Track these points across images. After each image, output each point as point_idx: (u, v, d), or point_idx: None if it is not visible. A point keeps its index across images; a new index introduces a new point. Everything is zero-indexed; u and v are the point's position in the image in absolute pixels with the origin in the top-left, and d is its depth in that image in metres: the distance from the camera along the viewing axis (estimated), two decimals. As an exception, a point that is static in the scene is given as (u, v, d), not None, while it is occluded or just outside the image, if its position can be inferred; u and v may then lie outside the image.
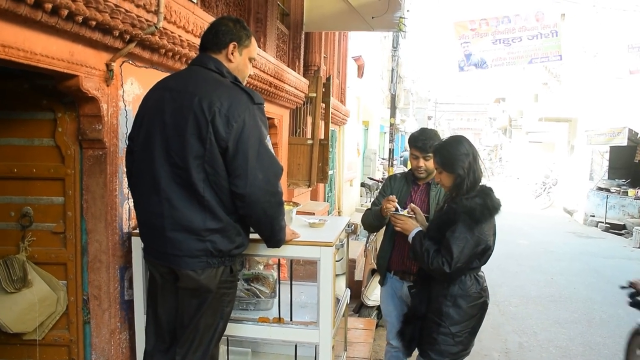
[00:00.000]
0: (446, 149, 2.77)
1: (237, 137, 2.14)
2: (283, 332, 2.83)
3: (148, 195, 2.26)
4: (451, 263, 2.58)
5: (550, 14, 10.82)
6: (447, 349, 2.73)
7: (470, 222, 2.60)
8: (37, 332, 2.77)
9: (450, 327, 2.70)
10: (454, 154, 2.73)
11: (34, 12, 1.93)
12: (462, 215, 2.61)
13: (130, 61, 2.78)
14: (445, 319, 2.71)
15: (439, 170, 2.80)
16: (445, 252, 2.61)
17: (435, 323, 2.74)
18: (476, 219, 2.60)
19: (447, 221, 2.67)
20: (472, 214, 2.60)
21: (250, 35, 2.42)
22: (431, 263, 2.65)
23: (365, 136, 18.07)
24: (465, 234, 2.59)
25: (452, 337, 2.71)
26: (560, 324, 5.95)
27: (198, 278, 2.22)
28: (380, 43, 19.47)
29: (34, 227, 2.79)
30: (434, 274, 2.69)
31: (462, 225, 2.60)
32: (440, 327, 2.72)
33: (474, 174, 2.71)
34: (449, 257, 2.58)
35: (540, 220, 14.23)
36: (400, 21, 6.78)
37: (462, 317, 2.71)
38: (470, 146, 2.78)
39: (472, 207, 2.61)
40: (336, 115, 9.63)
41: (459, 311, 2.70)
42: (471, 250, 2.61)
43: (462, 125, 58.37)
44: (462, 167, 2.70)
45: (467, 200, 2.64)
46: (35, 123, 2.73)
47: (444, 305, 2.71)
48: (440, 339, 2.72)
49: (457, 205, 2.66)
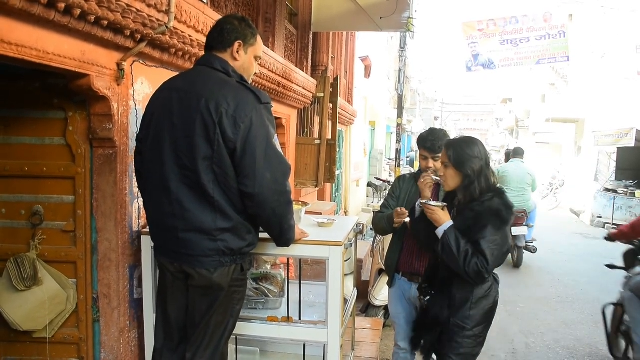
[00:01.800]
0: (461, 146, 2.68)
1: (244, 137, 2.14)
2: (291, 331, 2.83)
3: (158, 197, 2.27)
4: (487, 267, 2.53)
5: (558, 14, 10.79)
6: (470, 350, 2.70)
7: (499, 223, 2.56)
8: (47, 330, 2.79)
9: (474, 329, 2.67)
10: (467, 153, 2.65)
11: (47, 12, 1.94)
12: (490, 217, 2.56)
13: (141, 61, 2.79)
14: (469, 321, 2.66)
15: (445, 164, 2.70)
16: (480, 256, 2.53)
17: (459, 327, 2.67)
18: (504, 218, 2.57)
19: (473, 225, 2.58)
20: (499, 215, 2.57)
21: (255, 34, 2.41)
22: (468, 265, 2.53)
23: (372, 136, 18.05)
24: (495, 235, 2.54)
25: (475, 339, 2.68)
26: (567, 324, 5.92)
27: (211, 277, 2.24)
28: (387, 43, 19.44)
29: (45, 225, 2.81)
30: (467, 276, 2.57)
31: (492, 227, 2.54)
32: (464, 331, 2.66)
33: (485, 179, 2.64)
34: (485, 262, 2.52)
35: (547, 221, 14.15)
36: (408, 21, 6.77)
37: (483, 317, 2.69)
38: (484, 150, 2.71)
39: (498, 208, 2.57)
40: (343, 115, 9.62)
41: (481, 313, 2.67)
42: (500, 252, 2.58)
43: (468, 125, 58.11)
44: (472, 168, 2.62)
45: (490, 202, 2.59)
46: (46, 122, 2.75)
47: (469, 308, 2.66)
48: (465, 342, 2.67)
49: (481, 208, 2.59)
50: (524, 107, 28.54)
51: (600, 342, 5.32)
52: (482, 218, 2.56)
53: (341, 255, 2.70)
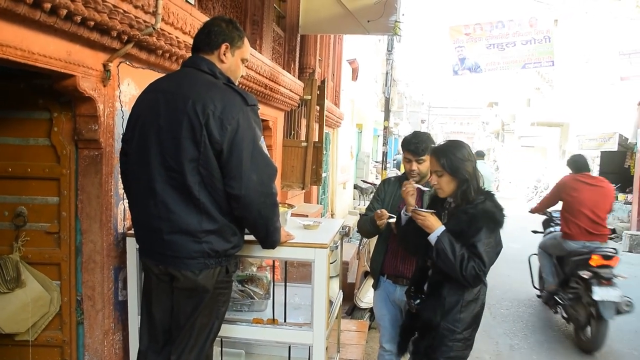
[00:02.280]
0: (452, 153, 2.67)
1: (231, 139, 2.15)
2: (277, 333, 2.84)
3: (144, 199, 2.27)
4: (484, 270, 2.54)
5: (544, 19, 10.89)
6: (460, 354, 2.70)
7: (493, 226, 2.58)
8: (30, 333, 2.76)
9: (464, 332, 2.67)
10: (460, 158, 2.65)
11: (32, 12, 1.93)
12: (485, 220, 2.57)
13: (128, 62, 2.78)
14: (459, 325, 2.65)
15: (439, 173, 2.68)
16: (477, 259, 2.53)
17: (449, 330, 2.66)
18: (497, 221, 2.60)
19: (468, 229, 2.58)
20: (493, 217, 2.59)
21: (242, 36, 2.42)
22: (465, 269, 2.52)
23: (359, 139, 18.11)
24: (489, 238, 2.56)
25: (465, 342, 2.68)
26: (551, 326, 5.98)
27: (196, 279, 2.23)
28: (375, 46, 19.52)
29: (28, 227, 2.78)
30: (464, 280, 2.56)
31: (487, 230, 2.56)
32: (454, 334, 2.66)
33: (477, 179, 2.67)
34: (482, 265, 2.52)
35: (532, 224, 14.28)
36: (395, 25, 6.80)
37: (472, 320, 2.69)
38: (471, 152, 2.74)
39: (492, 211, 2.60)
40: (330, 118, 9.64)
41: (470, 315, 2.68)
42: (494, 253, 2.61)
43: (455, 129, 58.56)
44: (467, 171, 2.64)
45: (484, 205, 2.61)
46: (31, 122, 2.72)
47: (459, 311, 2.66)
48: (455, 346, 2.67)
49: (475, 211, 2.59)
50: (510, 111, 28.82)
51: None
52: (477, 221, 2.57)
53: (327, 257, 2.71)
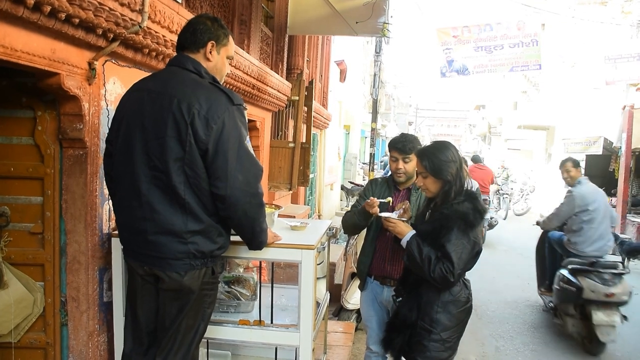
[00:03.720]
0: (435, 155, 2.73)
1: (216, 138, 2.14)
2: (263, 335, 2.82)
3: (128, 199, 2.25)
4: (453, 271, 2.55)
5: (531, 23, 10.96)
6: (437, 355, 2.71)
7: (465, 227, 2.59)
8: (13, 335, 2.71)
9: (442, 334, 2.68)
10: (442, 160, 2.70)
11: (15, 8, 1.90)
12: (456, 220, 2.59)
13: (113, 60, 2.75)
14: (436, 325, 2.68)
15: (424, 175, 2.75)
16: (445, 260, 2.56)
17: (426, 330, 2.70)
18: (470, 222, 2.60)
19: (440, 228, 2.62)
20: (466, 218, 2.59)
21: (228, 34, 2.41)
22: (433, 271, 2.57)
23: (347, 140, 18.11)
24: (461, 239, 2.57)
25: (443, 343, 2.69)
26: (536, 328, 6.02)
27: (181, 280, 2.21)
28: (363, 48, 19.54)
29: (11, 227, 2.74)
30: (435, 282, 2.61)
31: (458, 231, 2.58)
32: (431, 334, 2.68)
33: (460, 180, 2.70)
34: (450, 266, 2.54)
35: (518, 226, 14.38)
36: (384, 27, 6.81)
37: (452, 322, 2.70)
38: (456, 153, 2.77)
39: (465, 212, 2.60)
40: (318, 119, 9.63)
41: (449, 317, 2.69)
42: (468, 255, 2.61)
43: (442, 131, 58.80)
44: (450, 173, 2.68)
45: (459, 205, 2.62)
46: (14, 121, 2.68)
47: (435, 312, 2.68)
48: (432, 346, 2.69)
49: (449, 211, 2.63)
50: (497, 114, 28.97)
51: (571, 345, 5.42)
52: (449, 221, 2.60)
53: (314, 258, 2.70)
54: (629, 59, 13.01)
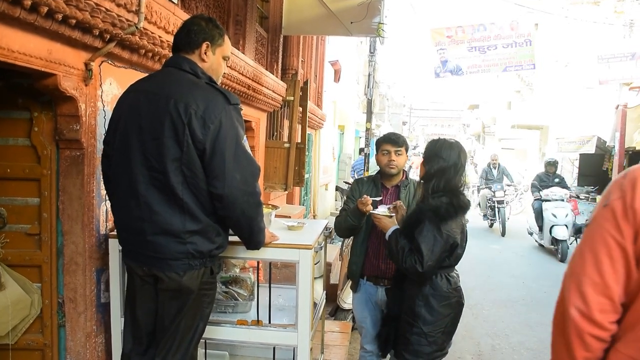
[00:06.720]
0: (436, 145, 2.83)
1: (213, 138, 2.14)
2: (261, 335, 2.83)
3: (126, 200, 2.25)
4: (423, 262, 2.60)
5: (525, 23, 11.00)
6: (420, 349, 2.75)
7: (436, 220, 2.63)
8: (10, 336, 2.71)
9: (423, 327, 2.72)
10: (435, 153, 2.79)
11: (12, 9, 1.90)
12: (428, 213, 2.65)
13: (110, 61, 2.75)
14: (417, 319, 2.73)
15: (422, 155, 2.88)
16: (416, 252, 2.64)
17: (408, 323, 2.76)
18: (441, 216, 2.64)
19: (415, 221, 2.70)
20: (437, 212, 2.64)
21: (223, 34, 2.41)
22: (405, 261, 2.67)
23: (341, 140, 18.12)
24: (432, 232, 2.62)
25: (425, 337, 2.73)
26: (531, 326, 6.04)
27: (180, 280, 2.22)
28: (357, 48, 19.56)
29: (8, 228, 2.73)
30: (408, 273, 2.71)
31: (429, 224, 2.64)
32: (413, 328, 2.74)
33: (445, 181, 2.74)
34: (420, 257, 2.61)
35: (512, 225, 14.43)
36: (379, 27, 6.81)
37: (434, 316, 2.73)
38: (456, 156, 2.78)
39: (438, 206, 2.66)
40: (313, 119, 9.64)
41: (430, 311, 2.73)
42: (441, 249, 2.65)
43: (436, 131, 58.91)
44: (433, 167, 2.76)
45: (434, 200, 2.70)
46: (10, 122, 2.68)
47: (416, 305, 2.74)
48: (414, 339, 2.74)
49: (423, 205, 2.72)
50: (491, 114, 29.04)
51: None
52: (421, 214, 2.68)
53: (311, 258, 2.71)
54: (622, 58, 13.11)
